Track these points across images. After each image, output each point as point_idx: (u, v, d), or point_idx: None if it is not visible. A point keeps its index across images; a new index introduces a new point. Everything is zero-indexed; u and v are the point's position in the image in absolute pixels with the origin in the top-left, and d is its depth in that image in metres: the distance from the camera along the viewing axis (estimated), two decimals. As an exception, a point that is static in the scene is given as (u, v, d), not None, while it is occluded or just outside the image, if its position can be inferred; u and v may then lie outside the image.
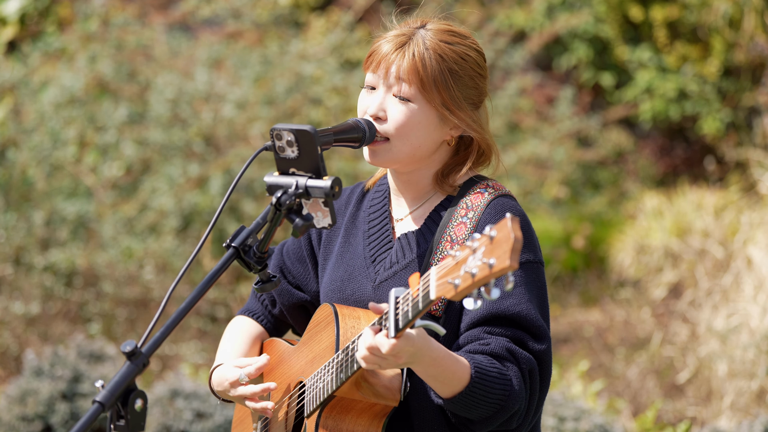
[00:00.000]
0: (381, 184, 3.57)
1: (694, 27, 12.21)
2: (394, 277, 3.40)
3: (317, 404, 3.30)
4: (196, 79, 9.66)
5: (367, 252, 3.47)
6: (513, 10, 12.13)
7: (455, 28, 3.42)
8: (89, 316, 8.95)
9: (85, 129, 9.72)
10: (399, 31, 3.38)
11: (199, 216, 9.25)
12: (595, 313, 9.76)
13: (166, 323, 2.92)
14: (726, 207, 10.14)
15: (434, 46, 3.33)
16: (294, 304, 3.64)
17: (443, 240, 3.35)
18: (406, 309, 2.99)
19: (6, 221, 9.05)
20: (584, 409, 6.85)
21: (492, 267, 2.77)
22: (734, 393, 7.69)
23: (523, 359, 3.25)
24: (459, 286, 2.83)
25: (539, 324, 3.29)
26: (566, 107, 11.08)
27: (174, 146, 9.43)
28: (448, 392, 3.18)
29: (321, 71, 9.71)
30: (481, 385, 3.18)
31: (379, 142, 3.36)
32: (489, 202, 3.37)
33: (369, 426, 3.30)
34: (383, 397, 3.28)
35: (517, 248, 2.73)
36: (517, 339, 3.27)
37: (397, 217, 3.49)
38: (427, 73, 3.31)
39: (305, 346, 3.46)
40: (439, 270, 2.91)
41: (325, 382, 3.28)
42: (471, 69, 3.39)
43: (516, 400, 3.22)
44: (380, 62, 3.35)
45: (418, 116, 3.34)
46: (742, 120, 12.11)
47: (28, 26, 12.27)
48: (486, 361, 3.21)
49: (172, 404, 7.02)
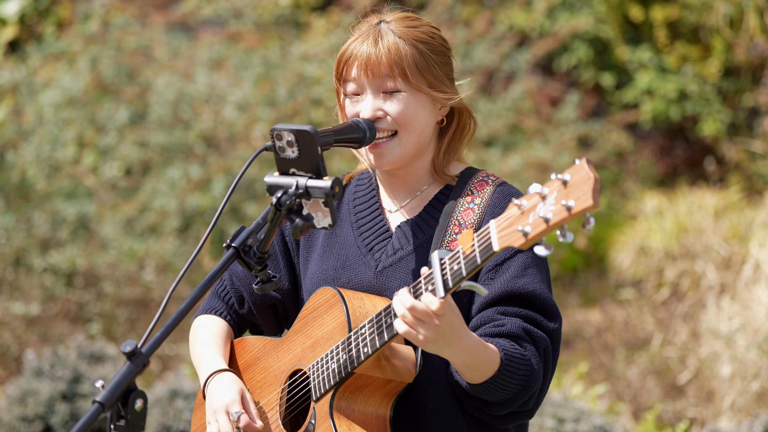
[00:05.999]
0: (361, 178, 3.59)
1: (695, 27, 12.21)
2: (400, 263, 3.41)
3: (330, 385, 3.31)
4: (196, 80, 9.66)
5: (360, 241, 3.48)
6: (514, 12, 12.12)
7: (409, 14, 3.47)
8: (89, 316, 8.95)
9: (85, 130, 9.73)
10: (361, 31, 3.41)
11: (200, 217, 9.25)
12: (595, 313, 9.75)
13: (166, 323, 2.93)
14: (727, 207, 10.14)
15: (403, 34, 3.37)
16: (266, 303, 3.63)
17: (451, 224, 3.38)
18: (456, 267, 3.01)
19: (6, 222, 9.04)
20: (584, 411, 6.85)
21: (571, 209, 2.77)
22: (735, 393, 7.69)
23: (539, 339, 3.30)
24: (530, 233, 2.84)
25: (552, 303, 3.34)
26: (571, 110, 11.09)
27: (175, 148, 9.43)
28: (478, 379, 3.22)
29: (322, 71, 9.71)
30: (508, 369, 3.22)
31: (385, 141, 3.38)
32: (494, 189, 3.41)
33: (379, 405, 3.33)
34: (400, 373, 3.30)
35: (598, 188, 2.76)
36: (530, 318, 3.31)
37: (389, 209, 3.51)
38: (408, 61, 3.35)
39: (299, 334, 3.45)
40: (500, 221, 2.92)
41: (341, 361, 3.28)
42: (440, 45, 3.43)
43: (536, 381, 3.27)
44: (358, 66, 3.37)
45: (413, 103, 3.37)
46: (743, 120, 12.11)
47: (28, 27, 12.27)
48: (509, 345, 3.25)
49: (171, 404, 7.02)
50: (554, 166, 10.70)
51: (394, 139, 3.39)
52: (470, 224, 3.37)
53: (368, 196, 3.54)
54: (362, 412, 3.32)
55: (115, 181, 9.60)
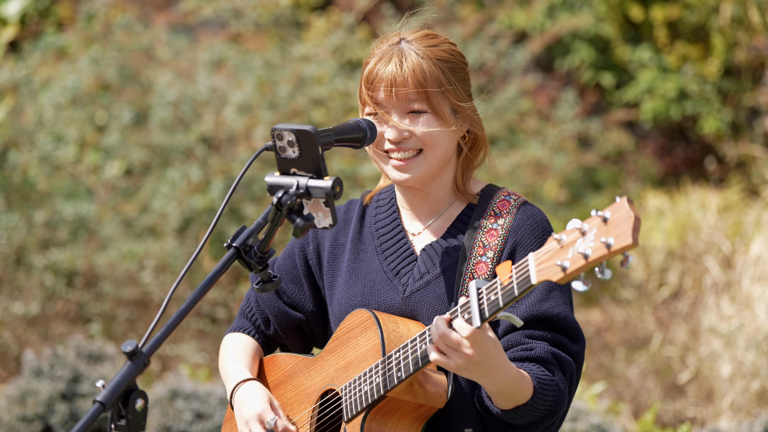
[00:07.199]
0: (380, 198, 3.61)
1: (695, 27, 12.21)
2: (428, 287, 3.43)
3: (362, 407, 3.32)
4: (198, 82, 9.65)
5: (386, 266, 3.50)
6: (513, 11, 12.12)
7: (428, 31, 3.47)
8: (89, 316, 8.95)
9: (86, 129, 9.72)
10: (383, 51, 3.41)
11: (199, 217, 9.25)
12: (595, 313, 9.75)
13: (166, 323, 2.92)
14: (728, 207, 10.13)
15: (425, 54, 3.38)
16: (291, 325, 3.66)
17: (475, 246, 3.40)
18: (493, 298, 3.04)
19: (7, 221, 9.04)
20: (581, 410, 6.84)
21: (610, 246, 2.81)
22: (735, 393, 7.69)
23: (566, 363, 3.33)
24: (568, 269, 2.87)
25: (576, 325, 3.37)
26: (568, 109, 11.08)
27: (176, 149, 9.43)
28: (510, 405, 3.25)
29: (322, 71, 9.71)
30: (539, 396, 3.26)
31: (411, 158, 3.39)
32: (517, 209, 3.43)
33: (409, 429, 3.34)
34: (431, 398, 3.32)
35: (638, 227, 2.80)
36: (556, 342, 3.34)
37: (412, 231, 3.52)
38: (430, 82, 3.36)
39: (332, 355, 3.47)
40: (539, 255, 2.95)
41: (374, 384, 3.30)
42: (459, 62, 3.45)
43: (563, 405, 3.31)
44: (385, 88, 3.38)
45: (436, 123, 3.38)
46: (743, 120, 12.11)
47: (28, 26, 12.27)
48: (539, 372, 3.28)
49: (171, 405, 7.02)
50: (551, 165, 10.70)
51: (419, 157, 3.40)
52: (494, 246, 3.38)
53: (390, 219, 3.55)
54: None
55: (116, 181, 9.59)
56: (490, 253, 3.36)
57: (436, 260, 3.44)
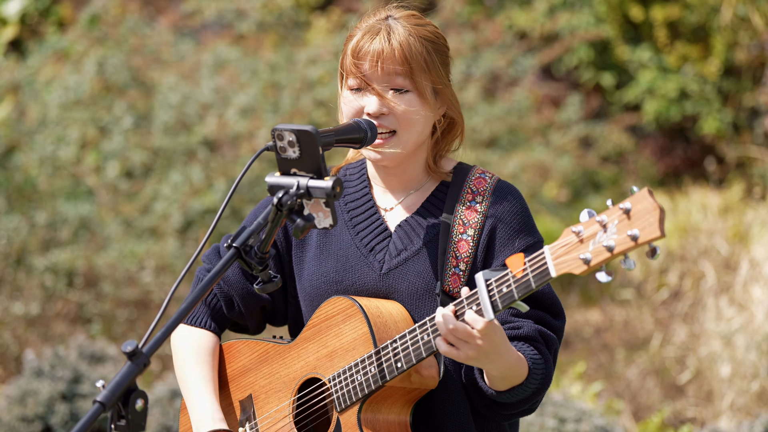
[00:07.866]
0: (349, 172, 3.58)
1: (695, 27, 12.22)
2: (406, 264, 3.41)
3: (358, 397, 3.31)
4: (201, 85, 9.65)
5: (358, 242, 3.47)
6: (514, 11, 12.13)
7: (414, 12, 3.46)
8: (89, 316, 8.95)
9: (88, 130, 9.72)
10: (370, 25, 3.41)
11: (201, 219, 9.25)
12: (595, 313, 9.75)
13: (166, 323, 2.92)
14: (728, 207, 10.14)
15: (413, 31, 3.38)
16: (257, 306, 3.62)
17: (455, 223, 3.39)
18: (506, 290, 3.04)
19: (8, 222, 9.04)
20: (585, 411, 6.84)
21: (637, 238, 2.80)
22: (734, 393, 7.69)
23: (551, 340, 3.36)
24: (591, 261, 2.88)
25: (557, 300, 3.40)
26: (573, 112, 11.09)
27: (178, 151, 9.43)
28: (505, 387, 3.29)
29: (324, 72, 9.71)
30: (533, 376, 3.29)
31: (385, 139, 3.38)
32: (493, 186, 3.42)
33: (401, 412, 3.36)
34: (425, 382, 3.34)
35: (663, 218, 2.79)
36: (540, 319, 3.36)
37: (384, 206, 3.50)
38: (416, 59, 3.35)
39: (311, 343, 3.43)
40: (555, 248, 2.95)
41: (370, 374, 3.29)
42: (443, 45, 3.44)
43: (549, 382, 3.35)
44: (371, 60, 3.36)
45: (417, 102, 3.37)
46: (743, 120, 12.11)
47: (29, 26, 12.28)
48: (530, 351, 3.31)
49: (171, 404, 7.02)
50: (554, 168, 10.70)
51: (393, 138, 3.38)
52: (474, 224, 3.38)
53: (361, 193, 3.53)
54: (386, 421, 3.34)
55: (117, 182, 9.59)
56: (471, 231, 3.36)
57: (413, 237, 3.43)
